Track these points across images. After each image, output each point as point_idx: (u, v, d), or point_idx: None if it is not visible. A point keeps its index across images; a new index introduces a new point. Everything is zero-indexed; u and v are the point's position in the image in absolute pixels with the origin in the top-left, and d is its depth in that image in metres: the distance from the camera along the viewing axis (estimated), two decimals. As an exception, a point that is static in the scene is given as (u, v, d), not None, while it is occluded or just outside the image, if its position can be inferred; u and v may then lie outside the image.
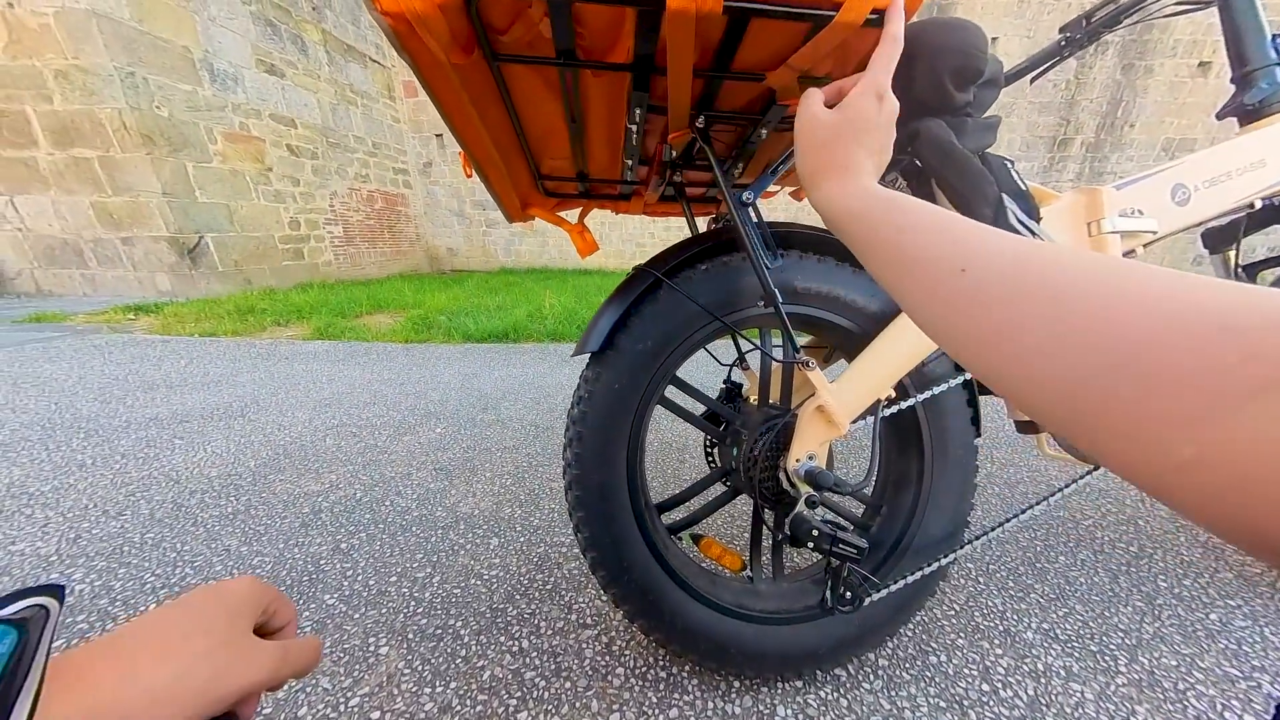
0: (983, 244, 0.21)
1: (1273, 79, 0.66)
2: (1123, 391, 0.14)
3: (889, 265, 0.25)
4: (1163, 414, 0.14)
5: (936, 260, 0.22)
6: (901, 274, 0.24)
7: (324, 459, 1.31)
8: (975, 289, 0.19)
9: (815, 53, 0.38)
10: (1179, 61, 4.96)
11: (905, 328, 0.59)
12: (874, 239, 0.26)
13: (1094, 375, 0.15)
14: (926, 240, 0.23)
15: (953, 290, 0.20)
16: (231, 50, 3.89)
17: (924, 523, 0.65)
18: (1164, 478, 0.14)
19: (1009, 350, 0.18)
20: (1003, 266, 0.19)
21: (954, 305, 0.20)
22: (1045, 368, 0.16)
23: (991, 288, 0.19)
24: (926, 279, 0.22)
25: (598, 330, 0.59)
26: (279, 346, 2.55)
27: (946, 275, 0.21)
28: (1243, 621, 0.77)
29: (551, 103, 0.50)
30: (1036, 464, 1.31)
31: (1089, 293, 0.16)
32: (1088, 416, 0.16)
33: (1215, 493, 0.13)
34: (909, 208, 0.25)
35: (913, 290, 0.23)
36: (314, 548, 0.93)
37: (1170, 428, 0.14)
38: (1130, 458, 0.15)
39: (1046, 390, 0.17)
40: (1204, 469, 0.13)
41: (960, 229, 0.22)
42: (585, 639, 0.72)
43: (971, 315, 0.20)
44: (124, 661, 0.18)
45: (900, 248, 0.24)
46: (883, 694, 0.65)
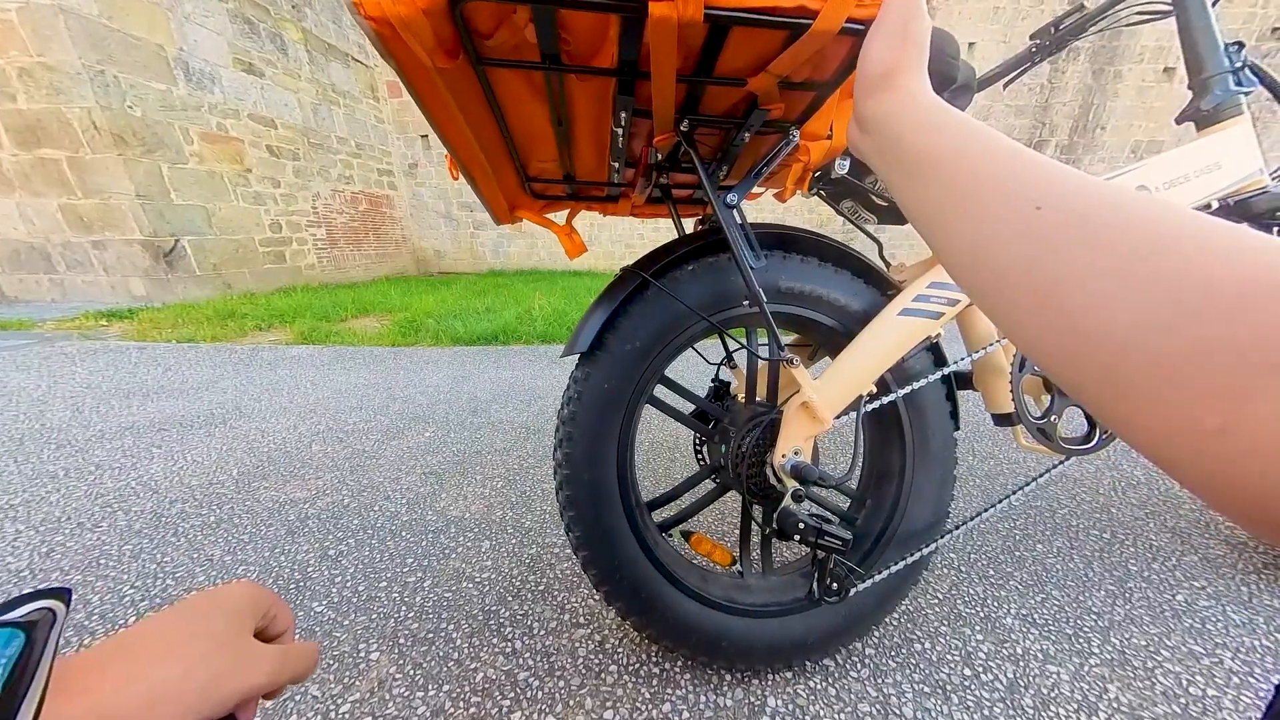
0: (1060, 180, 0.18)
1: (1225, 86, 0.70)
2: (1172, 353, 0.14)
3: (949, 192, 0.22)
4: (1205, 379, 0.13)
5: (1009, 193, 0.19)
6: (963, 203, 0.21)
7: (310, 465, 1.29)
8: (1050, 229, 0.17)
9: (794, 59, 0.39)
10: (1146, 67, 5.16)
11: (886, 325, 0.61)
12: (937, 158, 0.23)
13: (1153, 331, 0.14)
14: (998, 168, 0.20)
15: (1024, 228, 0.18)
16: (207, 49, 3.79)
17: (907, 514, 0.67)
18: (1180, 446, 0.14)
19: (1076, 301, 0.16)
20: (1081, 206, 0.17)
21: (1023, 246, 0.18)
22: (1107, 321, 0.15)
23: (1069, 229, 0.17)
24: (992, 213, 0.19)
25: (586, 331, 0.60)
26: (261, 352, 2.50)
27: (1019, 210, 0.19)
28: (1207, 601, 0.81)
29: (537, 106, 0.50)
30: (1015, 456, 1.35)
31: (1172, 242, 0.15)
32: (1126, 379, 0.15)
33: (1233, 466, 0.13)
34: (982, 128, 0.22)
35: (971, 225, 0.20)
36: (301, 555, 0.92)
37: (1205, 394, 0.13)
38: (1152, 423, 0.15)
39: (1098, 349, 0.16)
40: (1227, 441, 0.13)
41: (1031, 159, 0.20)
42: (579, 638, 0.73)
43: (1040, 259, 0.17)
44: (126, 665, 0.18)
45: (968, 173, 0.21)
46: (869, 682, 0.66)
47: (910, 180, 0.25)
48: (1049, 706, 0.63)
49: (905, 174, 0.25)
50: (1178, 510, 1.08)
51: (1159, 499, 1.13)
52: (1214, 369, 0.13)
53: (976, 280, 0.21)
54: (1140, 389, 0.15)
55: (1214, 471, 0.14)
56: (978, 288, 0.21)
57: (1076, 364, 0.17)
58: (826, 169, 0.73)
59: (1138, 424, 0.16)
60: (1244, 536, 0.98)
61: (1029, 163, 0.20)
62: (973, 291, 0.22)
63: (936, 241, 0.23)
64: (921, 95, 0.26)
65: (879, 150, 0.27)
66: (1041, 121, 5.48)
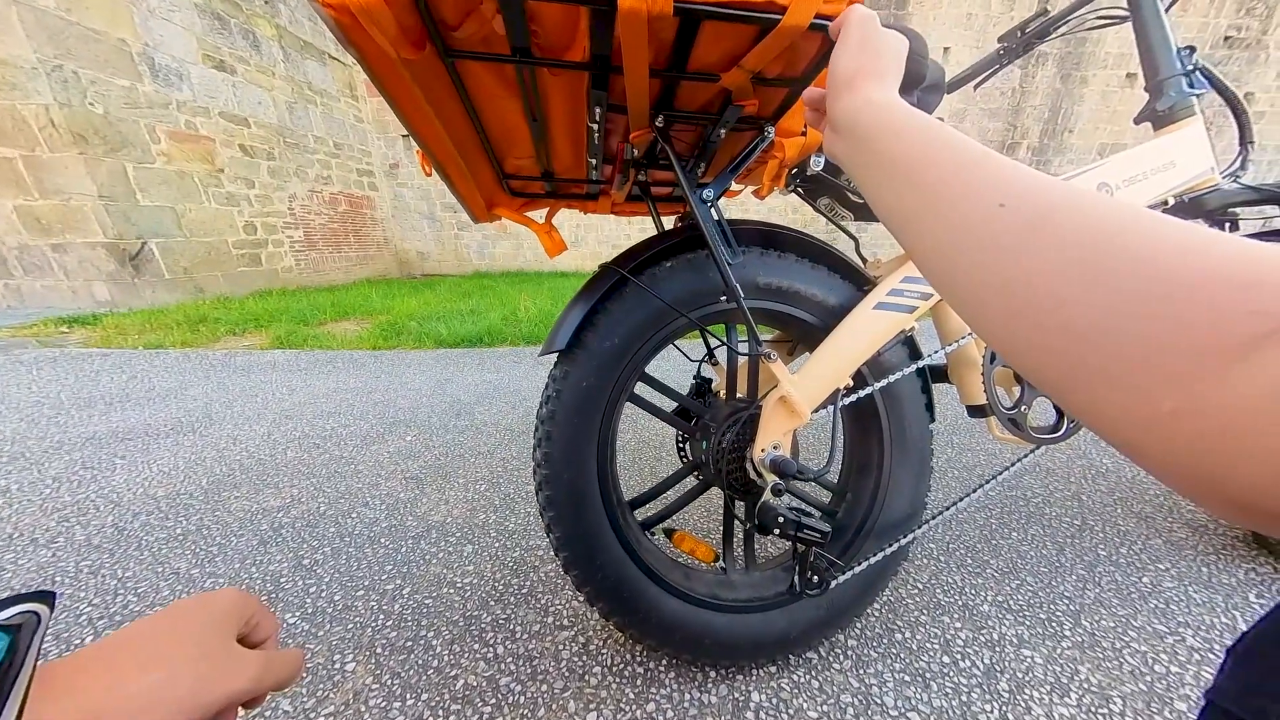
0: (1021, 180, 0.19)
1: (1179, 88, 0.73)
2: (1130, 342, 0.15)
3: (916, 191, 0.22)
4: (1160, 365, 0.14)
5: (973, 192, 0.20)
6: (928, 203, 0.21)
7: (285, 473, 1.25)
8: (1012, 226, 0.18)
9: (765, 54, 0.39)
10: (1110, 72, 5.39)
11: (861, 319, 0.61)
12: (903, 158, 0.23)
13: (1111, 322, 0.15)
14: (963, 167, 0.21)
15: (988, 226, 0.19)
16: (175, 44, 3.66)
17: (885, 505, 0.68)
18: (1140, 431, 0.15)
19: (1035, 294, 0.17)
20: (1042, 205, 0.18)
21: (986, 243, 0.19)
22: (1069, 314, 0.16)
23: (1030, 227, 0.18)
24: (958, 211, 0.20)
25: (564, 329, 0.59)
26: (234, 357, 2.41)
27: (981, 209, 0.19)
28: (1170, 583, 0.84)
29: (511, 101, 0.50)
30: (990, 447, 1.39)
31: (1127, 238, 0.15)
32: (1088, 368, 0.16)
33: (1187, 446, 0.14)
34: (942, 129, 0.23)
35: (938, 223, 0.21)
36: (274, 565, 0.88)
37: (1161, 380, 0.14)
38: (1113, 409, 0.15)
39: (1061, 340, 0.16)
40: (1182, 424, 0.14)
41: (994, 160, 0.20)
42: (562, 640, 0.72)
43: (1004, 254, 0.18)
44: (110, 669, 0.18)
45: (934, 172, 0.22)
46: (852, 673, 0.67)
47: (879, 181, 0.25)
48: (1024, 690, 0.64)
49: (874, 175, 0.26)
50: (1143, 496, 1.12)
51: (1126, 486, 1.17)
52: (1167, 356, 0.14)
53: (944, 277, 0.21)
54: (1100, 378, 0.15)
55: (1169, 452, 0.15)
56: (945, 284, 0.22)
57: (1041, 356, 0.17)
58: (803, 166, 0.73)
59: (1100, 410, 0.16)
60: (1204, 519, 1.03)
61: (991, 163, 0.21)
62: (941, 288, 0.22)
63: (906, 240, 0.24)
64: (886, 100, 0.27)
65: (849, 152, 0.28)
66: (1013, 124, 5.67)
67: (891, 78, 0.29)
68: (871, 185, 0.26)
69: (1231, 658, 0.14)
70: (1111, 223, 0.16)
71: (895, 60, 0.30)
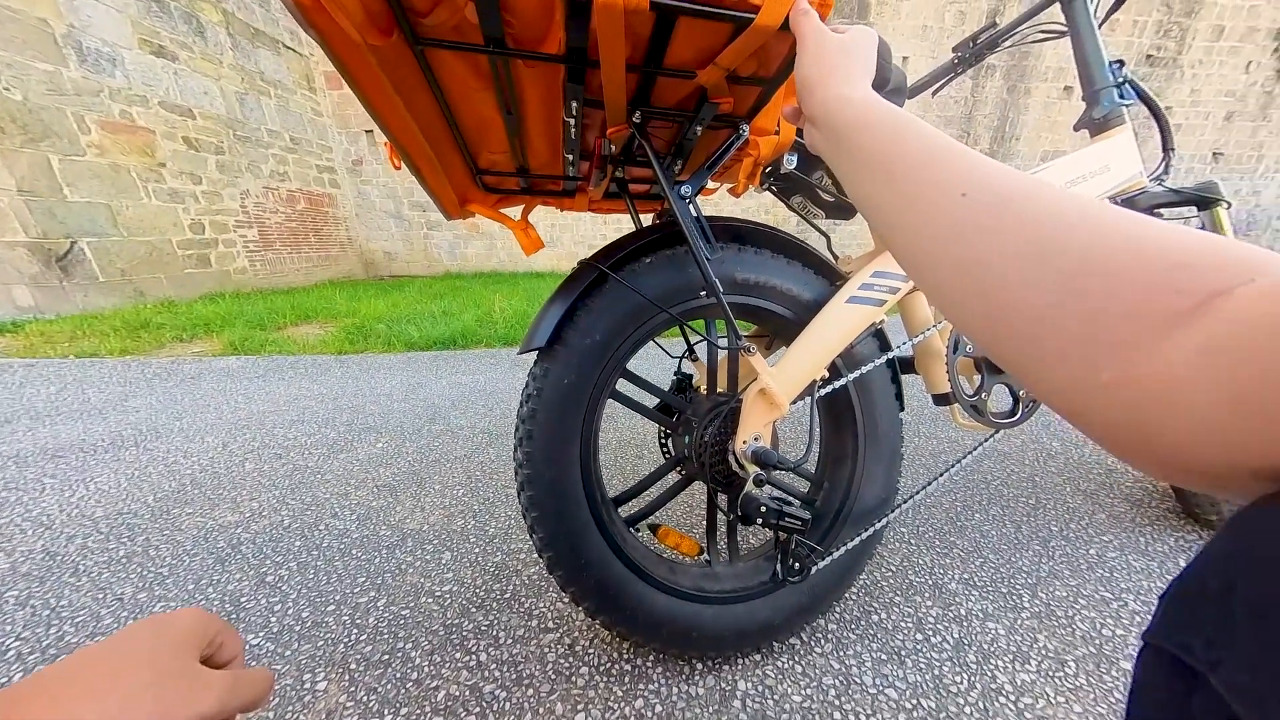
0: (983, 170, 0.20)
1: (1111, 98, 0.79)
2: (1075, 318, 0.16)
3: (886, 182, 0.24)
4: (1100, 338, 0.16)
5: (939, 181, 0.21)
6: (898, 192, 0.23)
7: (243, 486, 1.17)
8: (974, 214, 0.19)
9: (739, 53, 0.40)
10: (1049, 85, 5.81)
11: (835, 313, 0.64)
12: (874, 150, 0.25)
13: (1059, 301, 0.17)
14: (929, 158, 0.22)
15: (951, 214, 0.20)
16: (105, 27, 3.36)
17: (860, 492, 0.71)
18: (1084, 398, 0.16)
19: (994, 276, 0.18)
20: (1000, 194, 0.19)
21: (951, 229, 0.20)
22: (1023, 294, 0.17)
23: (989, 213, 0.19)
24: (925, 199, 0.21)
25: (544, 325, 0.58)
26: (182, 365, 2.24)
27: (946, 197, 0.20)
28: (1114, 553, 0.92)
29: (484, 93, 0.48)
30: (954, 434, 1.47)
31: (1074, 225, 0.17)
32: (1040, 343, 0.17)
33: (1123, 412, 0.15)
34: (910, 121, 0.24)
35: (907, 210, 0.22)
36: (232, 585, 0.83)
37: (1102, 351, 0.16)
38: (1061, 380, 0.17)
39: (1016, 318, 0.18)
40: (1119, 391, 0.15)
41: (958, 151, 0.22)
42: (547, 643, 0.71)
43: (966, 240, 0.20)
44: (55, 700, 0.17)
45: (902, 163, 0.23)
46: (833, 655, 0.69)
47: (854, 172, 0.27)
48: (989, 660, 0.68)
49: (850, 167, 0.27)
50: (1088, 475, 1.22)
51: (1073, 467, 1.26)
52: (1106, 331, 0.16)
53: (913, 261, 0.23)
54: (1049, 352, 0.17)
55: (1108, 418, 0.16)
56: (915, 268, 0.23)
57: (999, 332, 0.19)
58: (776, 164, 0.75)
59: (1050, 382, 0.18)
60: (1140, 494, 1.12)
61: (955, 155, 0.22)
62: (910, 270, 0.24)
63: (880, 227, 0.25)
64: (858, 96, 0.28)
65: (827, 146, 0.29)
66: (967, 131, 6.02)
67: (861, 72, 0.30)
68: (848, 176, 0.27)
69: (1162, 603, 0.15)
70: (1061, 212, 0.18)
71: (864, 56, 0.31)
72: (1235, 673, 0.12)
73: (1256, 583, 0.12)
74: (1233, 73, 5.69)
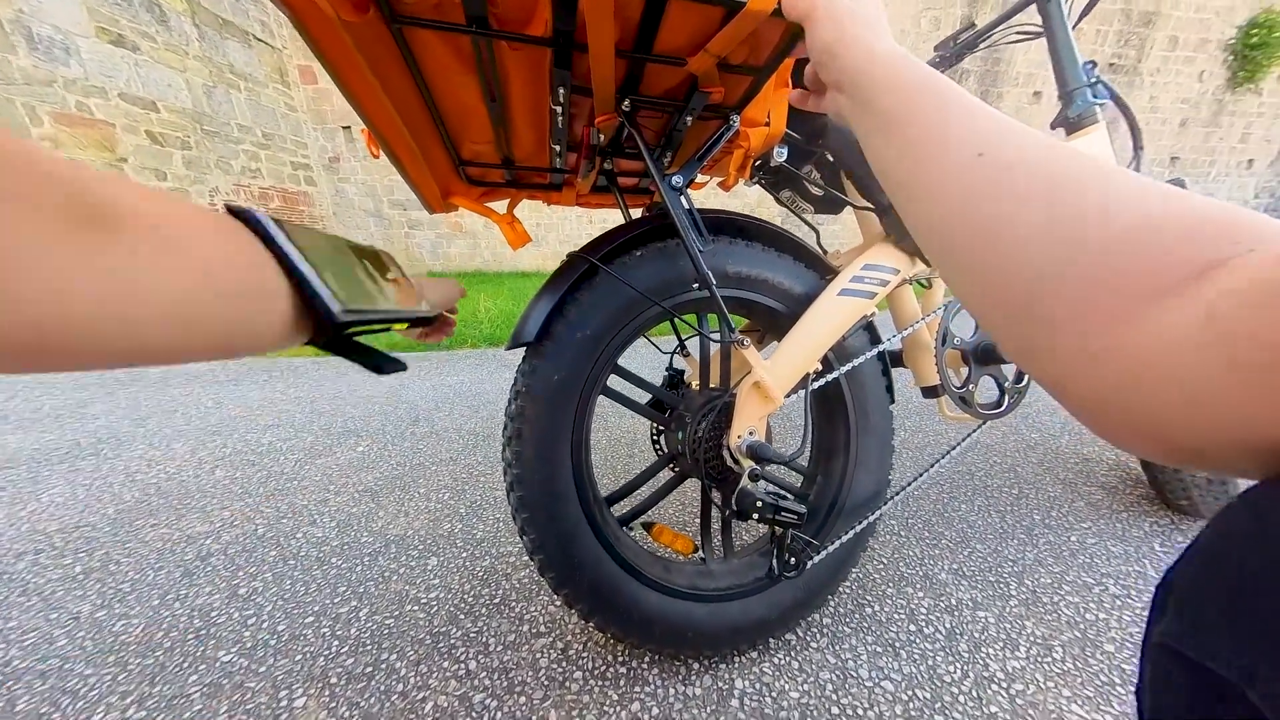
0: (1000, 128, 0.20)
1: (1085, 98, 0.81)
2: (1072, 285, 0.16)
3: (903, 142, 0.23)
4: (1093, 307, 0.15)
5: (956, 140, 0.21)
6: (915, 152, 0.22)
7: (213, 494, 1.11)
8: (989, 174, 0.19)
9: (730, 39, 0.39)
10: (1020, 90, 6.02)
11: (827, 306, 0.63)
12: (896, 109, 0.24)
13: (1058, 269, 0.16)
14: (948, 117, 0.22)
15: (966, 175, 0.20)
16: (58, 13, 3.18)
17: (854, 485, 0.71)
18: (1070, 369, 0.16)
19: (1005, 238, 0.18)
20: (1017, 153, 0.19)
21: (964, 191, 0.20)
22: (1025, 260, 0.17)
23: (1003, 174, 0.19)
24: (941, 159, 0.21)
25: (533, 319, 0.57)
26: (146, 369, 2.13)
27: (963, 157, 0.20)
28: (1093, 539, 0.94)
29: (467, 77, 0.46)
30: (939, 427, 1.50)
31: (1085, 190, 0.16)
32: (1033, 310, 0.17)
33: (1110, 384, 0.15)
34: (934, 79, 0.23)
35: (923, 171, 0.22)
36: (201, 599, 0.78)
37: (1093, 320, 0.15)
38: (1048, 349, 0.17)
39: (1015, 284, 0.17)
40: (1106, 361, 0.15)
41: (980, 110, 0.21)
42: (539, 648, 0.69)
43: (978, 202, 0.19)
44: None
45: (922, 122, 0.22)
46: (828, 650, 0.69)
47: (876, 133, 0.26)
48: (980, 648, 0.69)
49: (873, 126, 0.26)
50: (1066, 464, 1.25)
51: (1052, 457, 1.30)
52: (1105, 298, 0.15)
53: (925, 226, 0.22)
54: (1045, 318, 0.17)
55: (1093, 392, 0.16)
56: (926, 233, 0.22)
57: (999, 298, 0.19)
58: (766, 157, 0.75)
59: (1039, 352, 0.17)
60: (1115, 481, 1.16)
61: (977, 113, 0.22)
62: (921, 237, 0.23)
63: (895, 192, 0.24)
64: (887, 50, 0.27)
65: (854, 108, 0.28)
66: (943, 135, 6.19)
67: (880, 25, 0.29)
68: (869, 138, 0.26)
69: (1172, 598, 0.15)
70: (1075, 175, 0.17)
71: (875, 6, 0.30)
72: (1276, 683, 0.11)
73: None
74: (1187, 81, 6.00)
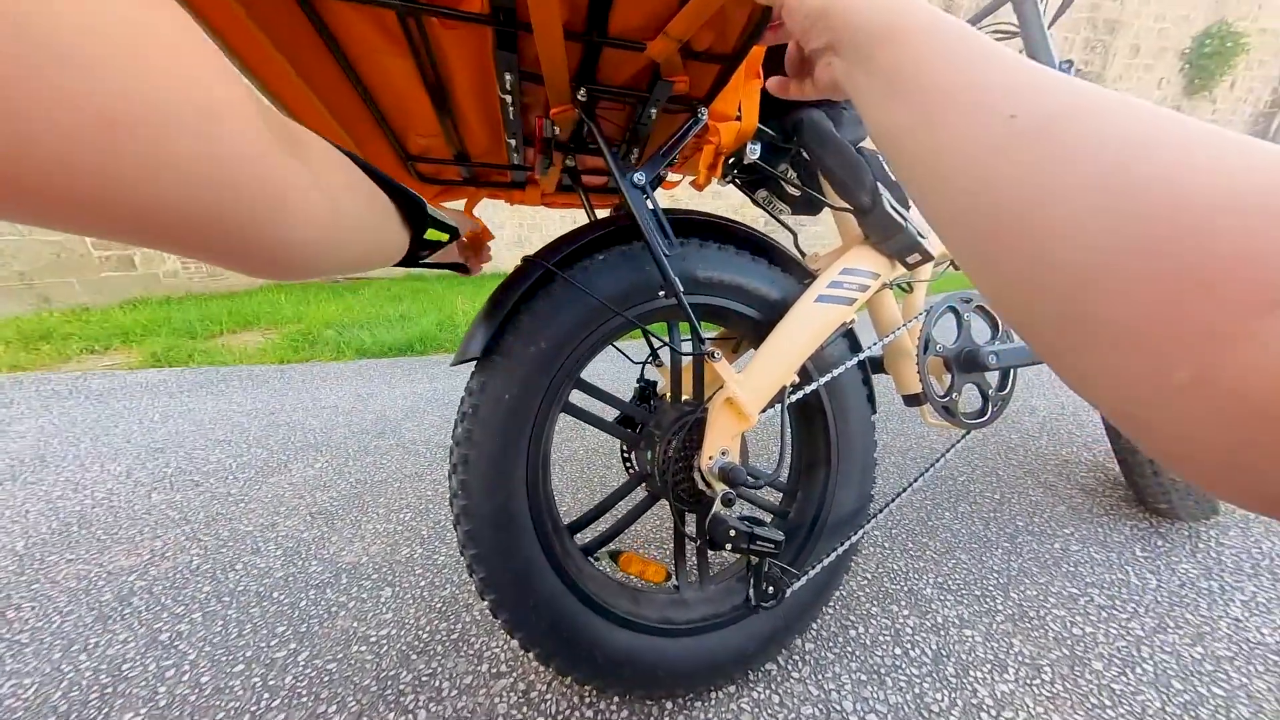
0: (1036, 81, 0.16)
1: None
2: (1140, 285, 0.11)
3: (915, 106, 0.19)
4: (1174, 318, 0.11)
5: (981, 101, 0.17)
6: (929, 117, 0.19)
7: (145, 522, 1.01)
8: (1024, 141, 0.15)
9: (692, 20, 0.35)
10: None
11: (804, 313, 0.59)
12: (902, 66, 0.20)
13: (1119, 260, 0.12)
14: (969, 71, 0.18)
15: (995, 142, 0.16)
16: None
17: (835, 502, 0.67)
18: (1147, 403, 0.12)
19: (1044, 220, 0.14)
20: (1059, 110, 0.15)
21: (992, 163, 0.16)
22: (1072, 247, 0.13)
23: (1043, 139, 0.15)
24: (963, 125, 0.17)
25: (479, 332, 0.51)
26: (88, 380, 1.98)
27: (991, 121, 0.16)
28: (1076, 546, 0.93)
29: (397, 59, 0.40)
30: (922, 432, 1.48)
31: (1152, 152, 0.12)
32: (1088, 319, 0.13)
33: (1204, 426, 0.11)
34: (947, 27, 0.20)
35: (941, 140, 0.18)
36: (114, 649, 0.69)
37: (1176, 337, 0.11)
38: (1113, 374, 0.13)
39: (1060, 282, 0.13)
40: (1200, 396, 0.11)
41: (1009, 62, 0.18)
42: (498, 691, 0.62)
43: (1011, 176, 0.15)
44: None
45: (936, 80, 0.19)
46: (810, 680, 0.65)
47: (881, 97, 0.21)
48: (968, 672, 0.66)
49: (876, 90, 0.22)
50: (1045, 467, 1.25)
51: (1032, 459, 1.29)
52: (1189, 306, 0.11)
53: (943, 209, 0.18)
54: (1102, 330, 0.13)
55: (1182, 434, 0.12)
56: (943, 218, 0.18)
57: (1037, 299, 0.14)
58: (740, 155, 0.71)
59: (1095, 373, 0.13)
60: (1094, 484, 1.16)
61: (1006, 65, 0.17)
62: (938, 222, 0.19)
63: (905, 167, 0.20)
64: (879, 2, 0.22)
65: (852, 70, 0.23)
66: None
67: None
68: (872, 106, 0.22)
69: None
70: (1139, 134, 0.13)
71: None
72: None
73: None
74: (1148, 88, 6.27)
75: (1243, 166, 0.11)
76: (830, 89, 0.27)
